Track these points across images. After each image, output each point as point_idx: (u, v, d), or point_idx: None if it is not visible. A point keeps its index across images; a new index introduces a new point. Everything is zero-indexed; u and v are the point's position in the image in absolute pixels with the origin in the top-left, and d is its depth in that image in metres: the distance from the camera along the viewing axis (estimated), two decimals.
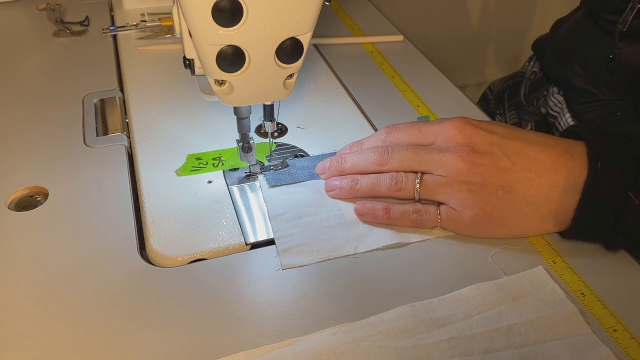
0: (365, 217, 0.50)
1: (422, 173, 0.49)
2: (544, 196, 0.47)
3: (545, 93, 0.78)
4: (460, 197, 0.48)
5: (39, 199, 0.54)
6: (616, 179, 0.45)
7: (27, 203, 0.53)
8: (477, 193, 0.47)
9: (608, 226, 0.46)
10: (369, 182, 0.51)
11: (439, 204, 0.49)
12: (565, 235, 0.48)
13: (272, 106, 0.51)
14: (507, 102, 0.84)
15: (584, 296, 0.44)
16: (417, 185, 0.49)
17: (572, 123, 0.73)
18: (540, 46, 0.80)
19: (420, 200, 0.50)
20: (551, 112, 0.76)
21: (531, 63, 0.83)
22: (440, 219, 0.49)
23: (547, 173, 0.47)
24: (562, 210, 0.47)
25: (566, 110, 0.73)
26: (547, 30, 0.85)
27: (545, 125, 0.78)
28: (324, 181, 0.55)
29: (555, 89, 0.76)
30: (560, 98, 0.75)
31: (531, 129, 0.81)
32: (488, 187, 0.47)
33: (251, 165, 0.55)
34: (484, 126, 0.50)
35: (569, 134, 0.51)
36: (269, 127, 0.54)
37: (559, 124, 0.75)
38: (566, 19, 0.80)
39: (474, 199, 0.47)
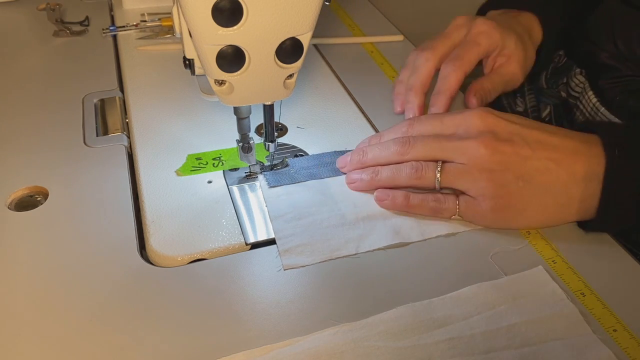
0: (384, 204, 0.51)
1: (443, 162, 0.50)
2: (563, 185, 0.48)
3: (565, 80, 0.78)
4: (480, 185, 0.48)
5: (39, 199, 0.54)
6: (635, 164, 0.46)
7: (27, 203, 0.53)
8: (497, 182, 0.48)
9: (633, 212, 0.46)
10: (389, 172, 0.51)
11: (459, 194, 0.50)
12: (588, 228, 0.49)
13: (272, 107, 0.51)
14: (527, 86, 0.84)
15: (584, 296, 0.44)
16: (438, 174, 0.49)
17: (595, 100, 0.73)
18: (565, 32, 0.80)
19: (440, 190, 0.50)
20: (572, 93, 0.76)
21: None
22: (459, 208, 0.49)
23: (566, 162, 0.48)
24: (581, 199, 0.48)
25: (589, 89, 0.73)
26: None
27: (565, 109, 0.78)
28: (324, 181, 0.55)
29: (578, 70, 0.76)
30: (582, 78, 0.75)
31: (549, 112, 0.80)
32: (508, 175, 0.47)
33: (251, 165, 0.55)
34: (504, 116, 0.50)
35: (580, 129, 0.51)
36: (271, 147, 0.54)
37: (581, 103, 0.74)
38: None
39: (493, 188, 0.48)
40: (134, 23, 0.81)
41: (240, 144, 0.53)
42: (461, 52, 0.62)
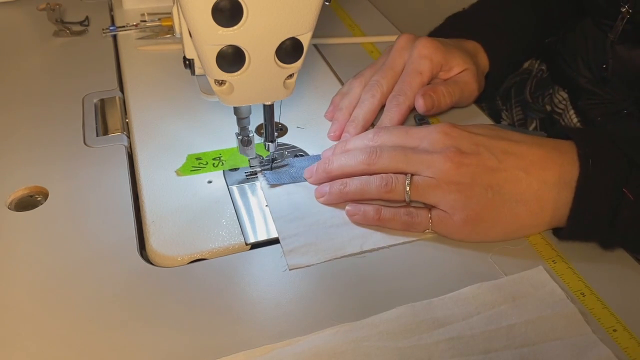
0: (356, 218, 0.50)
1: (412, 175, 0.49)
2: (534, 193, 0.47)
3: (550, 91, 0.78)
4: (450, 198, 0.47)
5: (39, 199, 0.54)
6: (609, 175, 0.45)
7: (27, 203, 0.53)
8: (466, 194, 0.47)
9: (604, 224, 0.45)
10: (358, 184, 0.50)
11: (431, 208, 0.49)
12: (561, 236, 0.48)
13: (272, 107, 0.51)
14: (514, 99, 0.84)
15: (584, 296, 0.44)
16: (407, 187, 0.48)
17: (576, 120, 0.73)
18: (547, 48, 0.80)
19: (411, 203, 0.49)
20: (556, 109, 0.76)
21: (538, 61, 0.84)
22: (431, 222, 0.48)
23: (536, 170, 0.47)
24: (554, 206, 0.47)
25: (570, 107, 0.73)
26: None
27: (551, 123, 0.79)
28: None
29: (561, 87, 0.77)
30: (565, 95, 0.75)
31: (536, 126, 0.81)
32: (477, 187, 0.47)
33: (250, 159, 0.55)
34: (469, 129, 0.50)
35: (556, 135, 0.51)
36: (271, 147, 0.54)
37: (564, 120, 0.75)
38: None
39: (464, 200, 0.47)
40: (134, 23, 0.81)
41: (240, 137, 0.53)
42: (404, 87, 0.60)
